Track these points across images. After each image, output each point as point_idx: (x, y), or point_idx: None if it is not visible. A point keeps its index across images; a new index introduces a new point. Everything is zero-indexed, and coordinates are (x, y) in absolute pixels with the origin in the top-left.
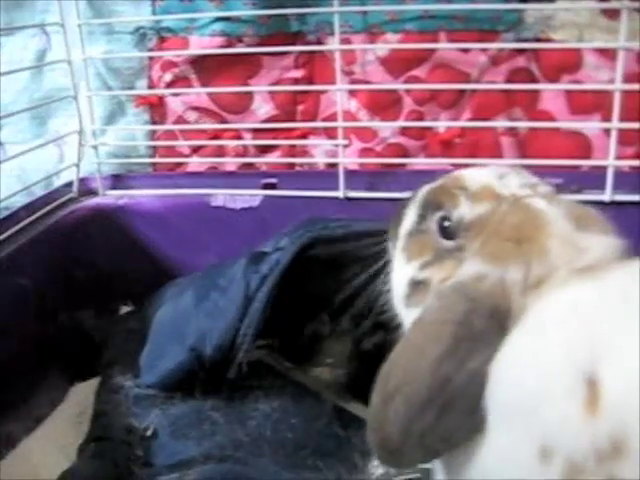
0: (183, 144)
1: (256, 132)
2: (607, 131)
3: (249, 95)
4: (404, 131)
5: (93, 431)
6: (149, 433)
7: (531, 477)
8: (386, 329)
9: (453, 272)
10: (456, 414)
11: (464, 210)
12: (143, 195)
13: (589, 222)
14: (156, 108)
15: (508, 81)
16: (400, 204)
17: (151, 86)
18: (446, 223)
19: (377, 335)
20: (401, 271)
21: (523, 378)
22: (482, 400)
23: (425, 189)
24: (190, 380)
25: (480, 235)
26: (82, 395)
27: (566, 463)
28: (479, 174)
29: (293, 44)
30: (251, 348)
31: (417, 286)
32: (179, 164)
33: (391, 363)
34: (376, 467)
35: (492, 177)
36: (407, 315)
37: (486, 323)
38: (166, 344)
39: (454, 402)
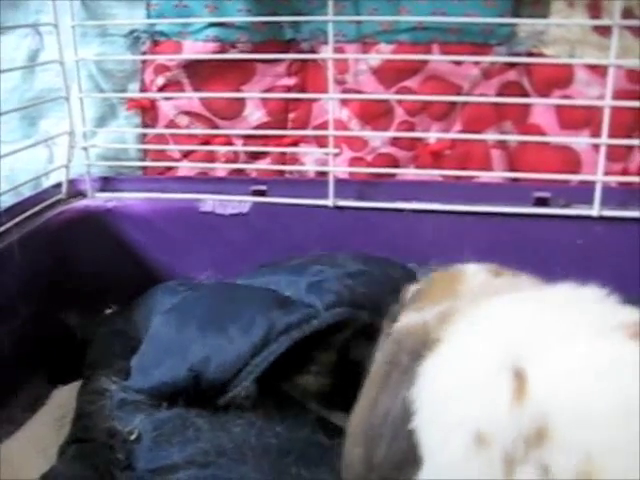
0: (173, 148)
1: (247, 138)
2: (596, 147)
3: (241, 101)
4: (395, 141)
5: (74, 433)
6: (133, 437)
7: (470, 464)
8: (373, 340)
9: None
10: (401, 442)
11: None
12: (132, 198)
13: (508, 274)
14: (148, 111)
15: (499, 94)
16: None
17: (143, 89)
18: None
19: (364, 345)
20: None
21: (448, 376)
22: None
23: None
24: (179, 394)
25: (417, 296)
26: (64, 399)
27: (502, 450)
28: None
29: (286, 52)
30: (251, 386)
31: None
32: (169, 168)
33: (354, 410)
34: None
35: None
36: None
37: (408, 358)
38: (165, 355)
39: (397, 432)
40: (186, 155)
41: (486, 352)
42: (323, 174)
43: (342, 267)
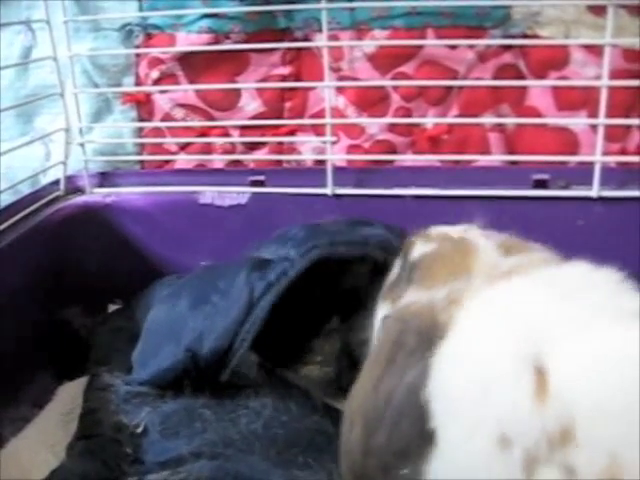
0: (170, 141)
1: (243, 129)
2: (594, 127)
3: (236, 92)
4: (392, 128)
5: (82, 429)
6: (139, 430)
7: (492, 465)
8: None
9: None
10: (404, 428)
11: (417, 251)
12: (130, 193)
13: (520, 250)
14: (143, 105)
15: (495, 77)
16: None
17: (138, 83)
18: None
19: (365, 332)
20: (379, 313)
21: (467, 372)
22: (425, 412)
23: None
24: (182, 379)
25: (422, 269)
26: (70, 394)
27: (524, 451)
28: (446, 228)
29: (281, 41)
30: (246, 353)
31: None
32: (167, 161)
33: (352, 391)
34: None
35: (455, 228)
36: None
37: (415, 339)
38: (161, 343)
39: (400, 417)
40: (183, 148)
41: (504, 345)
42: (321, 163)
43: (328, 224)
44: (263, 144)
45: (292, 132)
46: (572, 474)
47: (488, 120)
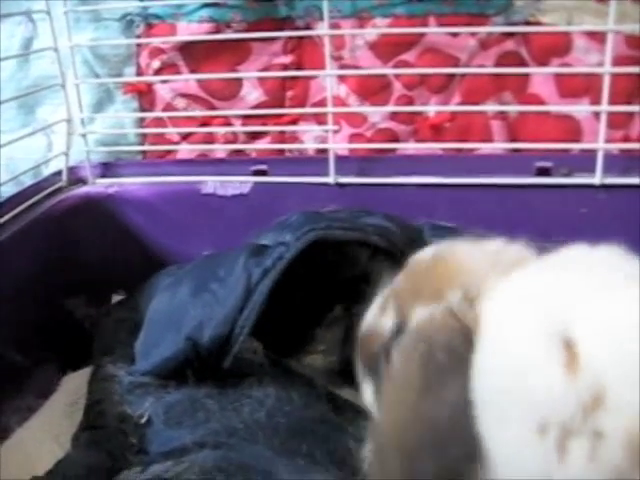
0: (172, 131)
1: (245, 118)
2: (597, 114)
3: (238, 81)
4: (394, 116)
5: (87, 420)
6: (143, 421)
7: (531, 451)
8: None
9: None
10: (452, 449)
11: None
12: (133, 183)
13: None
14: (145, 95)
15: (497, 65)
16: None
17: (139, 73)
18: None
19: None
20: (367, 389)
21: (503, 366)
22: (473, 425)
23: None
24: (184, 368)
25: (413, 287)
26: (75, 384)
27: (560, 428)
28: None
29: (282, 29)
30: (246, 340)
31: None
32: (169, 151)
33: (377, 425)
34: (370, 452)
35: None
36: None
37: (446, 355)
38: (162, 333)
39: (445, 439)
40: (185, 137)
41: (532, 329)
42: (323, 151)
43: (327, 212)
44: (265, 133)
45: (294, 121)
46: (600, 438)
47: (490, 108)
